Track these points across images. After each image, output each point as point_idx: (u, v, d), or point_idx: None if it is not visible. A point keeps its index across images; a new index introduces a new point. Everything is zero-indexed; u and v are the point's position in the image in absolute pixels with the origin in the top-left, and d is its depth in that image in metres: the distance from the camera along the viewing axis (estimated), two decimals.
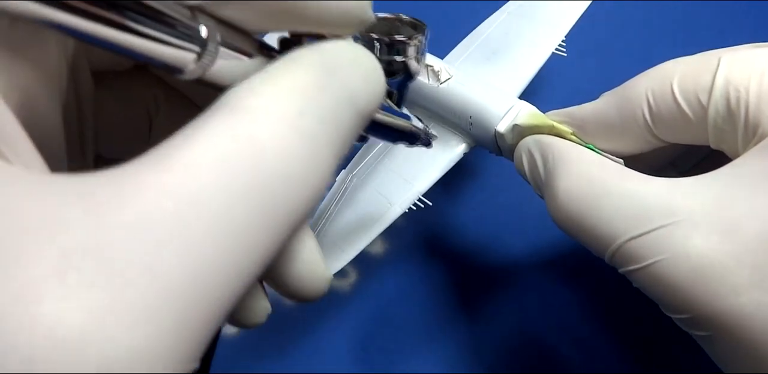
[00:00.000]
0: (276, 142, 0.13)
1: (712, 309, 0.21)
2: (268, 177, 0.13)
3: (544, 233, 0.41)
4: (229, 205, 0.12)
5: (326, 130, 0.14)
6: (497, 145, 0.31)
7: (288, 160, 0.13)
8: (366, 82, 0.16)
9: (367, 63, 0.16)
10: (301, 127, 0.14)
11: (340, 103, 0.15)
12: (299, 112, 0.14)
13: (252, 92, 0.14)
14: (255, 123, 0.13)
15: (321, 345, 0.39)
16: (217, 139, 0.13)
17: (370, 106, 0.16)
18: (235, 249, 0.13)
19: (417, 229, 0.41)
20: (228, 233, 0.12)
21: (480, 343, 0.38)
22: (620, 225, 0.22)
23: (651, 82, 0.25)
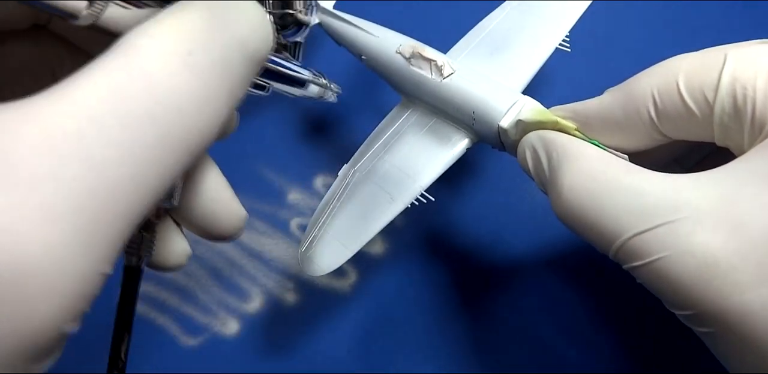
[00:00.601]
0: (167, 76, 0.15)
1: (716, 306, 0.21)
2: (161, 106, 0.15)
3: (546, 231, 0.41)
4: (125, 126, 0.14)
5: (216, 69, 0.16)
6: (500, 140, 0.31)
7: (180, 92, 0.15)
8: (253, 29, 0.18)
9: (253, 11, 0.18)
10: (190, 64, 0.15)
11: (229, 46, 0.17)
12: (188, 51, 0.15)
13: (143, 33, 0.15)
14: (147, 59, 0.15)
15: (321, 345, 0.39)
16: (111, 73, 0.14)
17: (259, 51, 0.18)
18: (133, 165, 0.14)
19: (418, 228, 0.41)
20: (125, 150, 0.14)
21: (481, 343, 0.38)
22: (625, 221, 0.22)
23: (656, 78, 0.25)
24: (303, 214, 0.43)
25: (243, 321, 0.40)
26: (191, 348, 0.40)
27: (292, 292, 0.41)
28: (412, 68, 0.33)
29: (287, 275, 0.41)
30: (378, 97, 0.46)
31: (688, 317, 0.22)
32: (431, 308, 0.39)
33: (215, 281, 0.41)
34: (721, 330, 0.21)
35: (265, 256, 0.42)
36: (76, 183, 0.13)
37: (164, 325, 0.40)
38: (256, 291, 0.41)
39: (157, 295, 0.41)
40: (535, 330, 0.38)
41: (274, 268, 0.41)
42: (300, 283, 0.41)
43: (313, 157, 0.44)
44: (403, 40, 0.34)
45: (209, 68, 0.16)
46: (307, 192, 0.43)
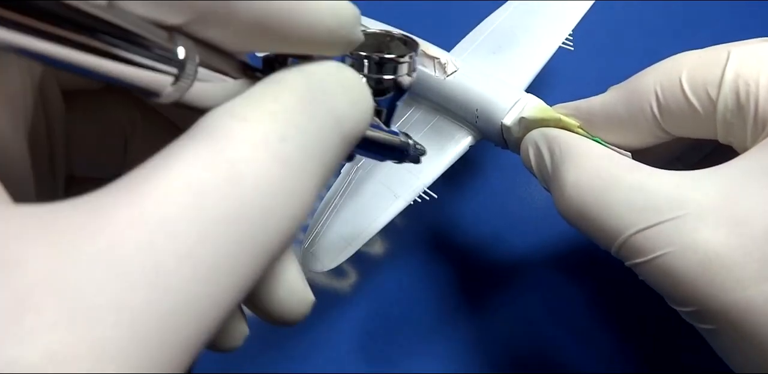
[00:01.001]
0: (255, 169, 0.13)
1: (718, 303, 0.21)
2: (245, 207, 0.13)
3: (548, 229, 0.41)
4: (203, 236, 0.12)
5: (309, 157, 0.14)
6: (503, 138, 0.31)
7: (267, 189, 0.13)
8: (353, 105, 0.16)
9: (355, 85, 0.16)
10: (282, 153, 0.13)
11: (325, 127, 0.15)
12: (281, 138, 0.13)
13: (231, 116, 0.13)
14: (233, 149, 0.13)
15: (321, 345, 0.39)
16: (192, 167, 0.12)
17: (356, 129, 0.16)
18: (210, 282, 0.12)
19: (419, 226, 0.42)
20: (202, 264, 0.12)
21: (481, 342, 0.38)
22: (628, 217, 0.23)
23: (660, 75, 0.25)
24: None
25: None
26: None
27: None
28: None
29: None
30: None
31: (691, 314, 0.22)
32: (431, 308, 0.39)
33: None
34: (724, 326, 0.21)
35: None
36: (143, 311, 0.11)
37: None
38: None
39: None
40: (537, 330, 0.38)
41: None
42: None
43: None
44: None
45: (301, 156, 0.14)
46: None
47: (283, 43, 0.15)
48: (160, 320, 0.11)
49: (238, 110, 0.14)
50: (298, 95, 0.14)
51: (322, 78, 0.15)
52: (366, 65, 0.20)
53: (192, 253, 0.12)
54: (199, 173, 0.12)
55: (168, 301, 0.11)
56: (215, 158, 0.13)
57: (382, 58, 0.20)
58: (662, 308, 0.24)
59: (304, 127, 0.14)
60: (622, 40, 0.46)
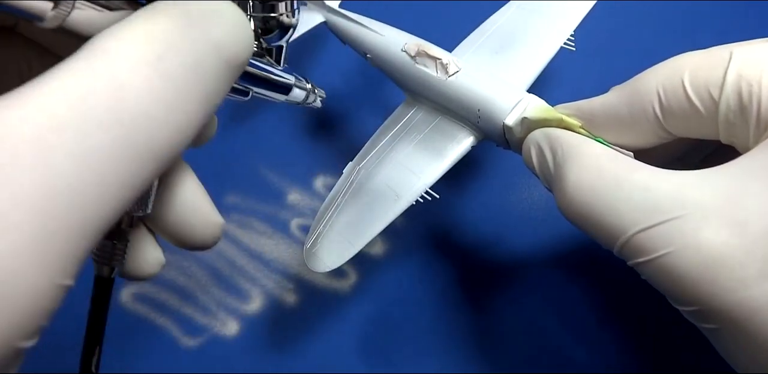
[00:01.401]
0: (135, 81, 0.14)
1: (721, 302, 0.21)
2: (127, 112, 0.14)
3: (549, 229, 0.41)
4: (88, 133, 0.14)
5: (189, 75, 0.16)
6: (505, 138, 0.31)
7: (147, 98, 0.15)
8: (231, 33, 0.17)
9: (232, 14, 0.17)
10: (160, 69, 0.15)
11: (203, 50, 0.16)
12: (158, 56, 0.15)
13: (112, 37, 0.15)
14: (114, 63, 0.14)
15: (321, 346, 0.39)
16: (75, 77, 0.14)
17: (238, 56, 0.17)
18: (95, 173, 0.14)
19: (418, 227, 0.42)
20: (87, 157, 0.14)
21: (482, 343, 0.38)
22: (630, 217, 0.23)
23: (662, 75, 0.25)
24: (303, 215, 0.43)
25: (243, 321, 0.40)
26: (191, 349, 0.40)
27: (292, 293, 0.41)
28: (418, 66, 0.33)
29: (287, 275, 0.41)
30: (382, 96, 0.46)
31: (693, 313, 0.22)
32: (432, 308, 0.39)
33: (215, 282, 0.41)
34: (726, 326, 0.21)
35: (265, 257, 0.42)
36: (32, 191, 0.13)
37: (164, 326, 0.40)
38: (256, 291, 0.41)
39: (157, 296, 0.41)
40: (537, 330, 0.38)
41: (274, 269, 0.42)
42: (300, 284, 0.41)
43: (313, 158, 0.45)
44: (408, 38, 0.34)
45: (181, 73, 0.15)
46: (307, 192, 0.43)
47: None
48: (48, 201, 0.13)
49: (117, 32, 0.15)
50: (175, 20, 0.16)
51: (200, 7, 0.16)
52: (250, 5, 0.22)
53: (76, 147, 0.13)
54: (83, 82, 0.14)
55: (54, 185, 0.13)
56: (96, 71, 0.14)
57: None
58: (663, 308, 0.25)
59: (181, 48, 0.15)
60: (624, 40, 0.46)
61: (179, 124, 0.15)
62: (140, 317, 0.41)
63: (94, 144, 0.14)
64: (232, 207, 0.43)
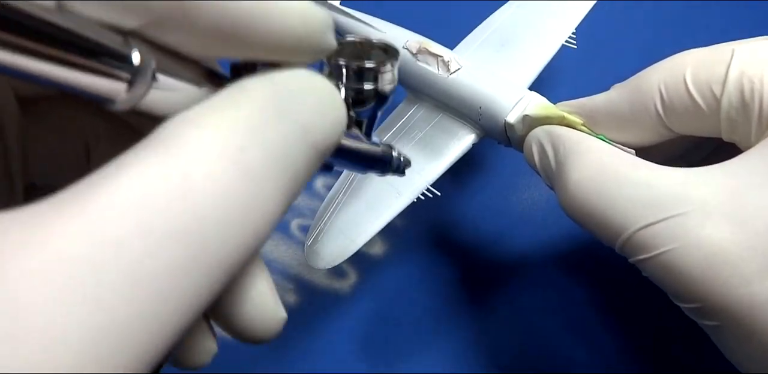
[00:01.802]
0: (211, 180, 0.12)
1: (722, 299, 0.21)
2: (199, 220, 0.12)
3: (550, 228, 0.41)
4: (151, 251, 0.11)
5: (273, 167, 0.14)
6: (507, 136, 0.31)
7: (224, 201, 0.13)
8: (322, 115, 0.15)
9: (325, 94, 0.16)
10: (242, 163, 0.13)
11: (291, 137, 0.14)
12: (241, 147, 0.13)
13: (189, 124, 0.13)
14: (189, 159, 0.12)
15: (321, 346, 0.39)
16: (142, 177, 0.12)
17: (327, 140, 0.15)
18: (158, 299, 0.12)
19: (418, 227, 0.42)
20: (149, 281, 0.11)
21: (483, 343, 0.38)
22: (632, 214, 0.23)
23: (663, 73, 0.25)
24: (303, 215, 0.43)
25: None
26: None
27: (292, 293, 0.41)
28: (419, 64, 0.33)
29: (287, 276, 0.41)
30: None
31: (694, 310, 0.23)
32: (432, 308, 0.39)
33: None
34: (727, 322, 0.22)
35: (264, 257, 0.42)
36: (81, 330, 0.11)
37: None
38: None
39: None
40: (538, 329, 0.38)
41: (274, 269, 0.41)
42: (300, 284, 0.41)
43: None
44: (409, 35, 0.35)
45: (263, 165, 0.13)
46: (307, 192, 0.43)
47: (247, 49, 0.15)
48: (98, 340, 0.11)
49: (195, 118, 0.13)
50: (262, 103, 0.14)
51: (289, 86, 0.15)
52: (345, 74, 0.19)
53: (137, 270, 0.11)
54: (149, 184, 0.12)
55: (108, 320, 0.11)
56: (167, 168, 0.12)
57: (361, 67, 0.19)
58: (665, 307, 0.25)
59: (266, 137, 0.13)
60: (625, 38, 0.46)
61: (256, 225, 0.13)
62: None
63: (159, 264, 0.12)
64: None
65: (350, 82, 0.19)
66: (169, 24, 0.13)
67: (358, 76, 0.19)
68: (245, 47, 0.14)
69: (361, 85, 0.19)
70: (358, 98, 0.20)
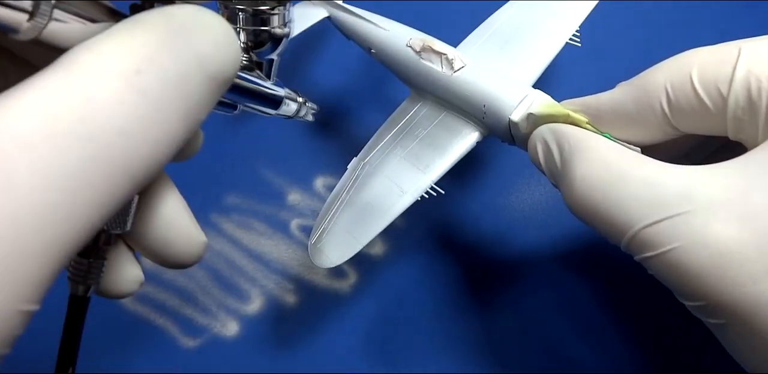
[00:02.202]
0: (111, 96, 0.14)
1: (729, 297, 0.21)
2: (98, 128, 0.14)
3: (555, 227, 0.41)
4: (55, 150, 0.13)
5: (169, 90, 0.15)
6: (511, 134, 0.31)
7: (122, 114, 0.14)
8: (216, 46, 0.16)
9: (218, 27, 0.17)
10: (138, 84, 0.14)
11: (187, 66, 0.15)
12: (136, 70, 0.14)
13: (88, 50, 0.14)
14: (88, 78, 0.14)
15: (321, 346, 0.39)
16: (45, 92, 0.13)
17: (224, 72, 0.17)
18: (64, 192, 0.13)
19: (418, 227, 0.42)
20: (54, 175, 0.13)
21: (484, 343, 0.38)
22: (638, 211, 0.23)
23: (669, 71, 0.26)
24: (303, 215, 0.43)
25: (243, 322, 0.40)
26: (191, 349, 0.40)
27: (292, 293, 0.41)
28: (423, 61, 0.33)
29: (287, 276, 0.41)
30: (385, 92, 0.46)
31: (700, 308, 0.23)
32: (432, 308, 0.40)
33: (215, 282, 0.41)
34: (733, 321, 0.22)
35: (265, 257, 0.42)
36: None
37: (164, 326, 0.41)
38: (256, 292, 0.41)
39: (157, 296, 0.41)
40: (543, 328, 0.39)
41: (273, 269, 0.42)
42: (300, 284, 0.41)
43: (313, 158, 0.45)
44: (413, 33, 0.35)
45: (160, 88, 0.15)
46: (307, 193, 0.44)
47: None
48: (10, 221, 0.12)
49: (93, 45, 0.14)
50: (156, 33, 0.15)
51: (183, 19, 0.16)
52: (241, 18, 0.21)
53: (42, 164, 0.13)
54: (53, 96, 0.13)
55: (18, 205, 0.12)
56: (69, 84, 0.14)
57: (255, 10, 0.21)
58: (670, 306, 0.25)
59: (162, 63, 0.15)
60: (630, 37, 0.46)
61: (157, 140, 0.15)
62: (140, 317, 0.41)
63: (61, 161, 0.13)
64: (232, 207, 0.43)
65: (247, 24, 0.22)
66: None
67: (253, 19, 0.22)
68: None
69: (257, 27, 0.22)
70: (256, 40, 0.22)
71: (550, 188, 0.42)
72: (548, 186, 0.42)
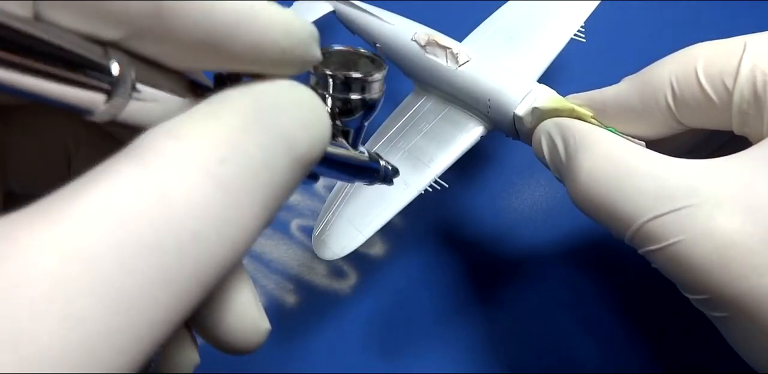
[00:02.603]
0: (189, 193, 0.12)
1: (732, 290, 0.21)
2: (174, 233, 0.12)
3: (558, 223, 0.41)
4: (124, 264, 0.11)
5: (252, 180, 0.14)
6: (515, 128, 0.31)
7: (201, 213, 0.12)
8: (306, 127, 0.15)
9: (309, 106, 0.16)
10: (221, 176, 0.13)
11: (273, 150, 0.14)
12: (220, 160, 0.13)
13: (167, 135, 0.13)
14: (165, 172, 0.12)
15: (321, 347, 0.39)
16: (117, 188, 0.12)
17: (311, 152, 0.15)
18: (130, 312, 0.11)
19: (423, 223, 0.42)
20: (122, 295, 0.11)
21: (484, 344, 0.38)
22: (642, 204, 0.23)
23: (674, 66, 0.26)
24: (303, 215, 0.43)
25: None
26: None
27: (292, 293, 0.41)
28: (428, 56, 0.34)
29: (287, 276, 0.41)
30: (390, 86, 0.46)
31: (703, 301, 0.23)
32: (433, 308, 0.40)
33: None
34: (737, 314, 0.22)
35: (264, 257, 0.42)
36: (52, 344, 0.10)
37: None
38: (256, 292, 0.41)
39: None
40: (546, 325, 0.39)
41: (273, 269, 0.42)
42: (300, 284, 0.41)
43: None
44: (418, 27, 0.35)
45: (242, 179, 0.13)
46: (307, 193, 0.44)
47: (230, 61, 0.15)
48: (70, 354, 0.11)
49: (173, 129, 0.13)
50: (243, 115, 0.14)
51: (272, 97, 0.15)
52: (331, 84, 0.19)
53: (110, 283, 0.11)
54: (123, 197, 0.12)
55: (81, 334, 0.11)
56: (143, 181, 0.12)
57: (348, 77, 0.19)
58: (674, 303, 0.25)
59: (247, 149, 0.13)
60: (634, 32, 0.47)
61: (234, 240, 0.13)
62: None
63: (131, 277, 0.11)
64: None
65: (337, 91, 0.20)
66: (148, 35, 0.13)
67: (344, 86, 0.20)
68: (226, 59, 0.14)
69: (347, 94, 0.20)
70: (345, 108, 0.20)
71: (551, 188, 0.42)
72: (549, 186, 0.42)
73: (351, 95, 0.20)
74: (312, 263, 0.41)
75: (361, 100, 0.20)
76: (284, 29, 0.15)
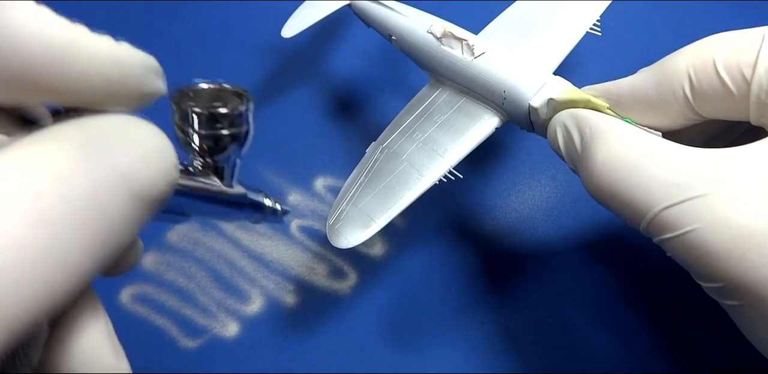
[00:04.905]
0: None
1: (747, 278, 0.22)
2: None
3: (572, 215, 0.42)
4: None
5: (77, 215, 0.13)
6: (530, 120, 0.32)
7: (11, 251, 0.12)
8: (144, 162, 0.15)
9: (149, 141, 0.16)
10: (34, 212, 0.13)
11: (106, 184, 0.14)
12: (34, 196, 0.13)
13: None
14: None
15: (321, 347, 0.41)
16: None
17: (152, 188, 0.15)
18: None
19: (423, 223, 0.43)
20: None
21: (484, 346, 0.39)
22: (658, 193, 0.24)
23: (692, 56, 0.27)
24: (303, 216, 0.44)
25: (243, 323, 0.41)
26: (191, 350, 0.41)
27: (292, 294, 0.42)
28: (443, 48, 0.35)
29: (287, 277, 0.42)
30: (405, 79, 0.48)
31: (717, 290, 0.24)
32: (432, 309, 0.41)
33: (215, 283, 0.43)
34: (751, 302, 0.23)
35: (265, 258, 0.43)
36: None
37: (164, 327, 0.42)
38: (256, 293, 0.42)
39: (157, 297, 0.42)
40: (561, 317, 0.40)
41: (274, 270, 0.43)
42: (300, 285, 0.42)
43: (313, 159, 0.46)
44: (433, 20, 0.36)
45: (65, 215, 0.13)
46: (307, 193, 0.45)
47: (53, 93, 0.15)
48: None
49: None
50: (69, 148, 0.14)
51: (106, 131, 0.15)
52: (197, 121, 0.19)
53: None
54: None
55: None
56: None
57: (213, 113, 0.19)
58: (689, 294, 0.25)
59: (72, 183, 0.13)
60: (650, 25, 0.48)
61: (53, 278, 0.13)
62: (140, 318, 0.42)
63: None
64: None
65: (203, 127, 0.20)
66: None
67: (211, 122, 0.20)
68: (54, 93, 0.15)
69: (215, 131, 0.20)
70: (215, 144, 0.20)
71: (567, 177, 0.43)
72: (562, 180, 0.43)
73: (219, 131, 0.20)
74: (312, 263, 0.42)
75: (230, 135, 0.20)
76: (112, 60, 0.15)
